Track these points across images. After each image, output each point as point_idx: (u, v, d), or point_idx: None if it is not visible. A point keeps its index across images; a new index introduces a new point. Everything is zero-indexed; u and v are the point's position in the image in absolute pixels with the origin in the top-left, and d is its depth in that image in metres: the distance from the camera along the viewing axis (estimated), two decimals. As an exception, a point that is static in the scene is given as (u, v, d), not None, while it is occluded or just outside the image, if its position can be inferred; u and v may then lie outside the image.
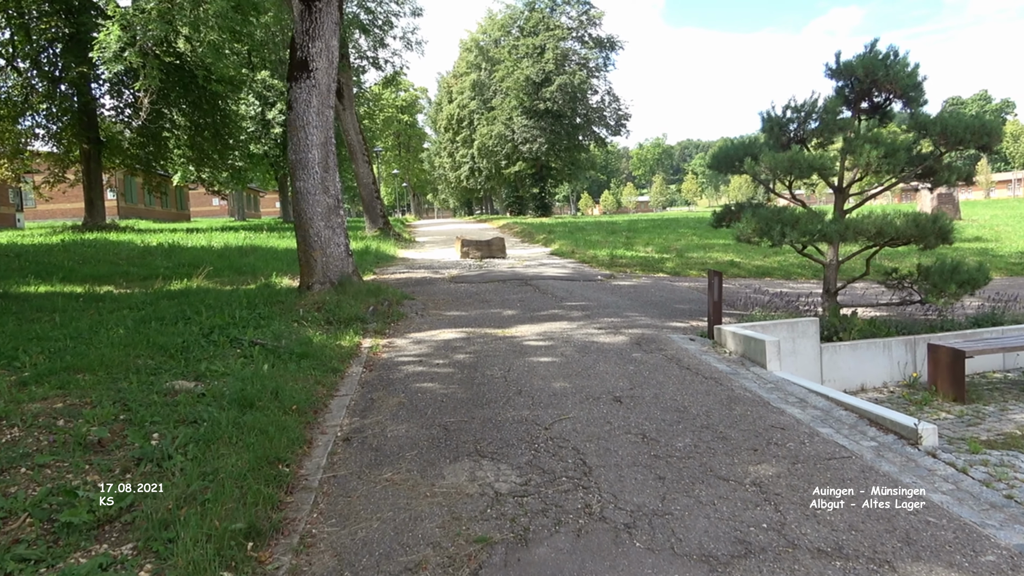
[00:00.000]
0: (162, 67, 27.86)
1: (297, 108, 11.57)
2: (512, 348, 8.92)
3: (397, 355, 8.77)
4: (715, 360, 8.06)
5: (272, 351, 8.39)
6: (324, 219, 11.69)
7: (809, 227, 8.78)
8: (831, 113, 9.29)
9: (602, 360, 8.17)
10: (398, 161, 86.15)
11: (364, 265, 18.56)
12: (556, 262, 19.83)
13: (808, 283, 16.91)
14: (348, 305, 10.81)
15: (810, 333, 8.82)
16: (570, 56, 54.39)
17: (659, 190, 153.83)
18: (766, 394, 6.69)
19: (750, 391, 6.80)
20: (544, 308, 11.84)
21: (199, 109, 31.35)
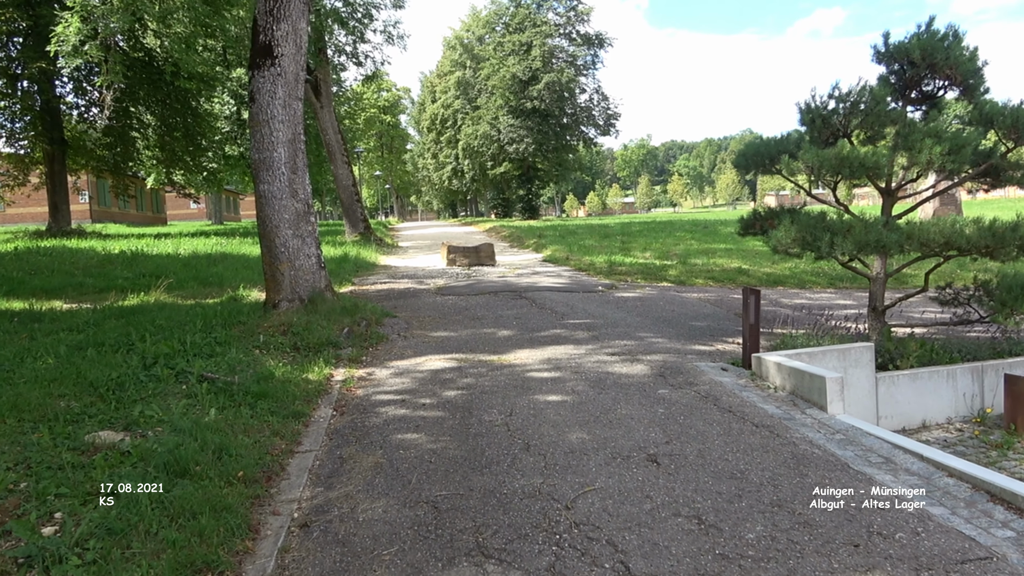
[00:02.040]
0: (127, 62, 26.25)
1: (260, 100, 10.11)
2: (512, 381, 7.51)
3: (375, 391, 7.34)
4: (759, 399, 6.69)
5: (224, 389, 6.94)
6: (292, 227, 10.24)
7: (865, 237, 7.43)
8: (881, 103, 7.95)
9: (623, 399, 6.77)
10: (380, 162, 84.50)
11: (342, 274, 17.08)
12: (550, 270, 18.44)
13: (824, 293, 15.62)
14: (319, 327, 9.36)
15: (864, 361, 7.48)
16: (557, 53, 53.01)
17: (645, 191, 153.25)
18: (839, 450, 5.32)
19: (818, 446, 5.43)
20: (544, 327, 10.43)
21: (169, 108, 29.73)
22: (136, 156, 33.26)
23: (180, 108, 29.99)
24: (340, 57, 31.91)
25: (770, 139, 8.95)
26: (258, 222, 10.39)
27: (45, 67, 25.67)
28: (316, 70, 27.74)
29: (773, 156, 8.68)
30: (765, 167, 8.86)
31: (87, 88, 29.58)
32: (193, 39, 25.45)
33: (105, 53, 25.04)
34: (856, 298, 14.88)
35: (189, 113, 30.74)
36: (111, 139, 29.93)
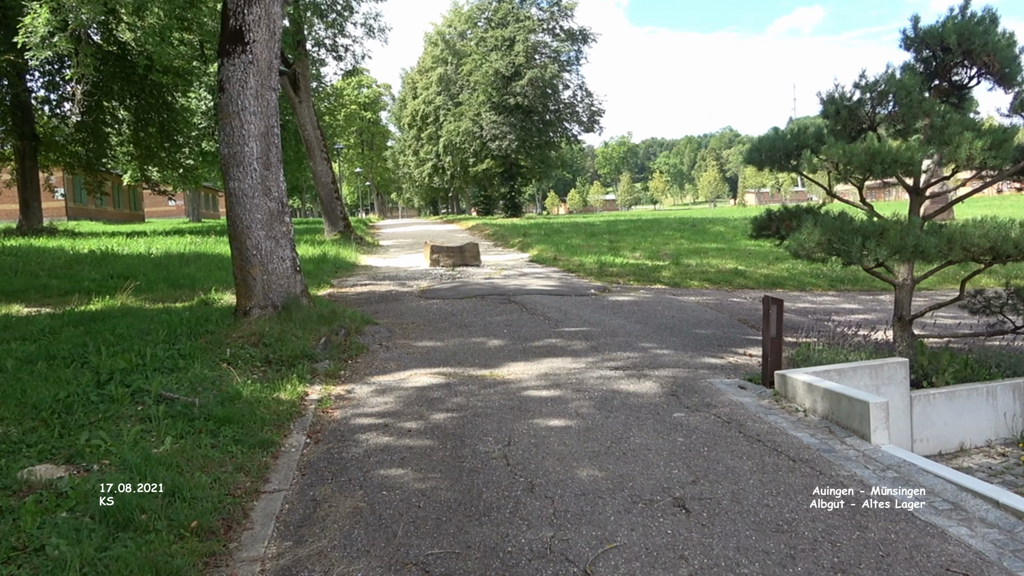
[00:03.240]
0: (99, 55, 25.19)
1: (230, 90, 9.26)
2: (508, 401, 6.74)
3: (355, 413, 6.54)
4: (789, 424, 5.96)
5: (184, 412, 6.13)
6: (265, 227, 9.40)
7: (902, 241, 6.72)
8: (912, 92, 7.25)
9: (635, 424, 6.02)
10: (361, 159, 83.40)
11: (320, 276, 16.23)
12: (538, 271, 17.67)
13: (827, 296, 14.99)
14: (294, 337, 8.54)
15: (898, 379, 6.78)
16: (540, 49, 52.14)
17: (626, 189, 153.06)
18: (893, 491, 4.60)
19: (869, 486, 4.70)
20: (538, 336, 9.67)
21: (143, 102, 28.67)
22: (110, 152, 32.17)
23: (155, 103, 28.98)
24: (319, 51, 30.99)
25: (785, 132, 8.23)
26: (228, 222, 9.54)
27: (14, 60, 24.56)
28: (294, 64, 26.81)
29: (790, 151, 7.96)
30: (781, 163, 8.15)
31: (58, 82, 28.47)
32: (167, 32, 24.46)
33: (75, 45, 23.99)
34: (860, 301, 14.25)
35: (164, 108, 29.73)
36: (84, 135, 28.84)
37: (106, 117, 29.39)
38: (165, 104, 29.37)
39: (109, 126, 30.10)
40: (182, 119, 31.39)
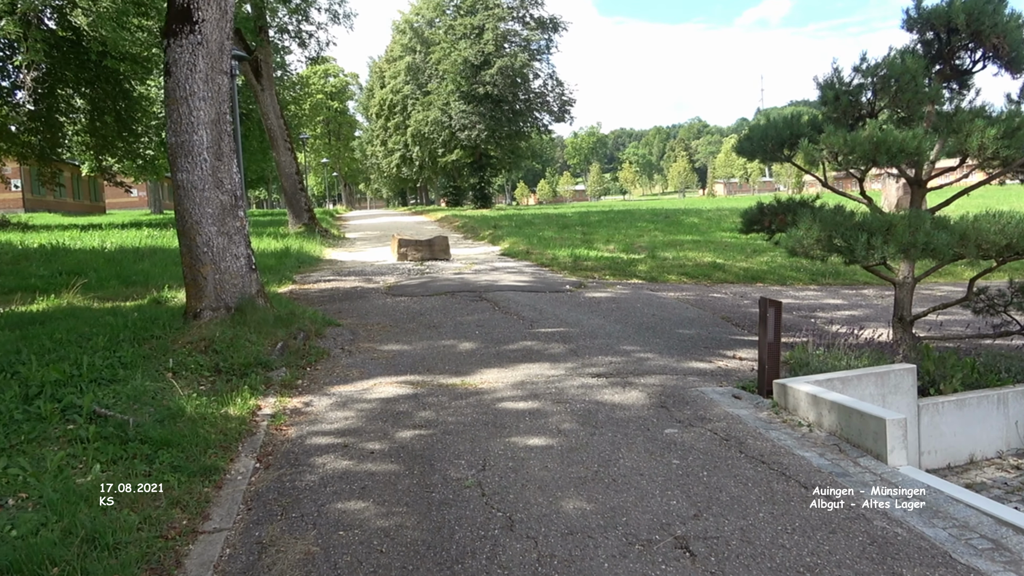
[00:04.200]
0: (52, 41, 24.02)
1: (177, 73, 8.49)
2: (481, 416, 6.13)
3: (311, 430, 5.89)
4: (794, 442, 5.42)
5: (118, 432, 5.43)
6: (217, 222, 8.67)
7: (911, 238, 6.19)
8: (917, 77, 6.73)
9: (624, 444, 5.44)
10: (327, 150, 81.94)
11: (282, 271, 15.46)
12: (510, 265, 17.05)
13: (809, 291, 14.56)
14: (247, 342, 7.84)
15: (905, 387, 6.28)
16: (510, 37, 51.26)
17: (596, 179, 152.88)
18: (927, 529, 4.06)
19: (897, 522, 4.17)
20: (512, 338, 9.06)
21: (99, 90, 27.47)
22: (65, 142, 30.91)
23: (112, 91, 27.78)
24: (283, 37, 29.99)
25: (777, 120, 7.68)
26: (176, 217, 8.79)
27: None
28: (256, 50, 25.83)
29: (784, 140, 7.42)
30: (774, 153, 7.61)
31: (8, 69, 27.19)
32: (122, 16, 23.37)
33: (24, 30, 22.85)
34: (844, 296, 13.85)
35: (122, 96, 28.54)
36: (37, 123, 27.58)
37: (60, 105, 28.18)
38: (122, 92, 28.20)
39: (64, 115, 28.88)
40: (140, 108, 30.22)
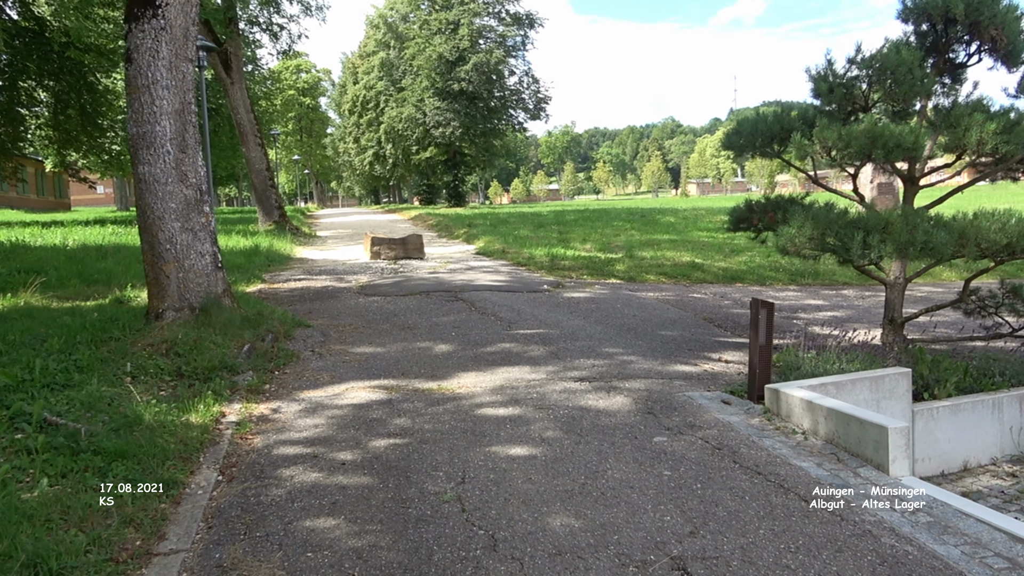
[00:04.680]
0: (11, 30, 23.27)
1: (139, 60, 8.07)
2: (460, 423, 5.81)
3: (279, 439, 5.54)
4: (789, 451, 5.17)
5: (70, 442, 5.04)
6: (181, 218, 8.26)
7: (909, 237, 5.98)
8: (914, 70, 6.52)
9: (611, 453, 5.16)
10: (299, 146, 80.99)
11: (251, 270, 15.01)
12: (486, 265, 16.73)
13: (789, 291, 14.41)
14: (212, 345, 7.45)
15: (899, 392, 6.08)
16: (486, 33, 50.91)
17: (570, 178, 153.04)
18: (938, 546, 3.83)
19: (906, 538, 3.93)
20: (490, 340, 8.75)
21: (63, 83, 26.67)
22: (27, 136, 30.04)
23: (76, 83, 26.99)
24: (253, 30, 29.41)
25: (767, 115, 7.46)
26: (137, 212, 8.38)
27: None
28: (226, 42, 25.22)
29: (774, 134, 7.19)
30: (762, 148, 7.39)
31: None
32: (87, 6, 22.68)
33: (-18, 20, 22.12)
34: (824, 297, 13.72)
35: (86, 89, 27.75)
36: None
37: (22, 98, 27.36)
38: (87, 85, 27.43)
39: (26, 108, 28.06)
40: (106, 102, 29.41)
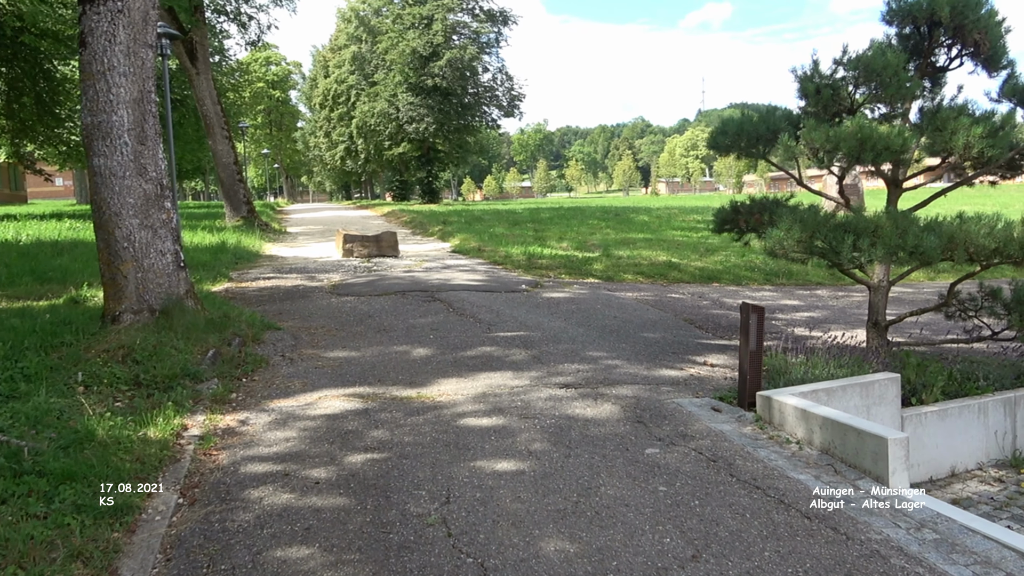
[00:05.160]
0: (-38, 17, 22.40)
1: (94, 45, 7.57)
2: (442, 434, 5.44)
3: (246, 456, 5.12)
4: (785, 462, 4.88)
5: (11, 463, 4.58)
6: (139, 214, 7.78)
7: (899, 241, 5.72)
8: (900, 72, 6.28)
9: (603, 467, 4.82)
10: (269, 140, 79.82)
11: (217, 268, 14.47)
12: (462, 263, 16.35)
13: (765, 291, 14.21)
14: (173, 350, 6.99)
15: (889, 397, 5.84)
16: (460, 29, 50.38)
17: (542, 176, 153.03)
18: (949, 567, 3.57)
19: (914, 558, 3.65)
20: (470, 343, 8.38)
21: (17, 70, 25.76)
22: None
23: (30, 71, 26.06)
24: (221, 20, 28.68)
25: (752, 115, 7.18)
26: (92, 208, 7.87)
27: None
28: (191, 31, 24.50)
29: (761, 135, 6.91)
30: (747, 149, 7.10)
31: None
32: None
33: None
34: (799, 297, 13.53)
35: (42, 77, 26.84)
36: (-56, 105, 25.84)
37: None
38: (43, 73, 26.53)
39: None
40: (63, 91, 28.47)
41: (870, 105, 6.63)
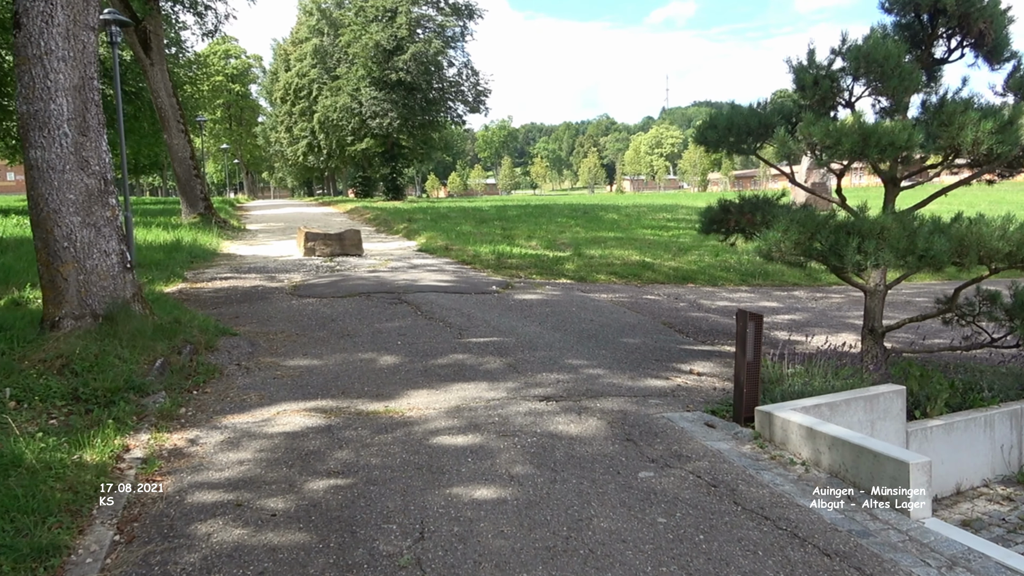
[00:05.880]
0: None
1: (29, 26, 6.93)
2: (413, 456, 4.95)
3: (194, 483, 4.58)
4: (793, 488, 4.47)
5: (-79, 493, 4.00)
6: (81, 211, 7.15)
7: (908, 244, 5.36)
8: (905, 64, 5.93)
9: (594, 494, 4.37)
10: (228, 135, 78.18)
11: (171, 267, 13.76)
12: (429, 263, 15.81)
13: (742, 292, 13.92)
14: (117, 360, 6.40)
15: (894, 411, 5.49)
16: (424, 23, 49.63)
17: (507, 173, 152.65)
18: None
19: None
20: (440, 350, 7.89)
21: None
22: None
23: (-25, 61, 25.00)
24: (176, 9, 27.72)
25: (742, 109, 6.78)
26: (29, 204, 7.21)
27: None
28: (145, 20, 23.56)
29: (752, 130, 6.52)
30: (737, 145, 6.72)
31: None
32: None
33: None
34: (777, 299, 13.25)
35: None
36: None
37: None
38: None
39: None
40: (12, 82, 27.28)
41: (873, 97, 6.28)
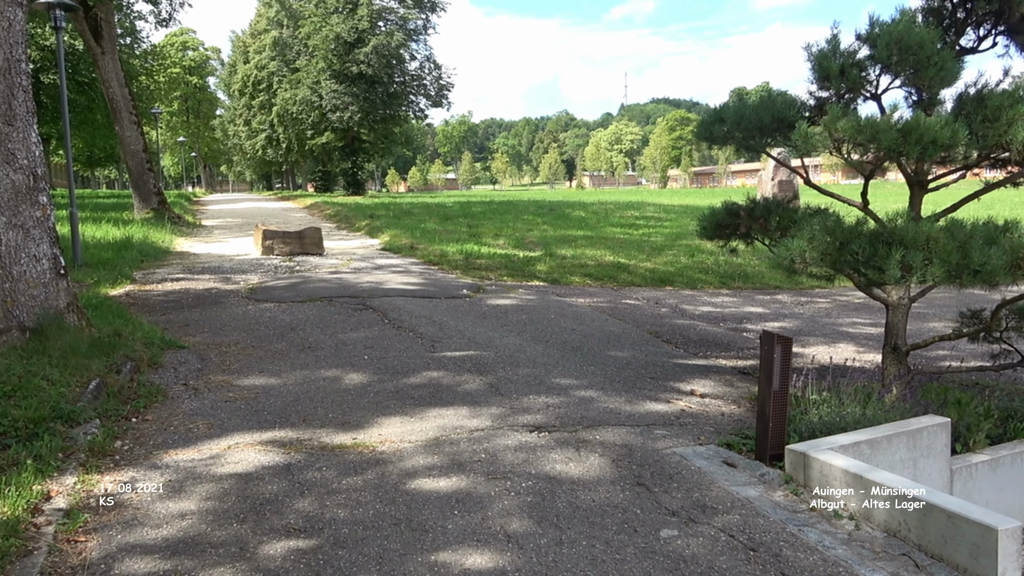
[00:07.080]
0: None
1: (-57, -1, 6.05)
2: (389, 507, 4.22)
3: (125, 545, 3.79)
4: (845, 551, 3.83)
5: None
6: (7, 211, 6.29)
7: (961, 259, 4.77)
8: (939, 52, 5.36)
9: (612, 565, 3.68)
10: (185, 128, 76.16)
11: (119, 267, 12.79)
12: (395, 263, 15.01)
13: (724, 296, 13.38)
14: (44, 381, 5.56)
15: (938, 447, 4.89)
16: (386, 15, 48.57)
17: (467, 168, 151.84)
18: None
19: None
20: (413, 366, 7.15)
21: None
22: None
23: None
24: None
25: (754, 102, 6.15)
26: (-57, 202, 6.31)
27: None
28: (96, 7, 22.33)
29: (765, 124, 5.90)
30: (746, 140, 6.09)
31: None
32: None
33: None
34: (760, 303, 12.73)
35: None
36: None
37: None
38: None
39: None
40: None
41: (906, 90, 5.70)
